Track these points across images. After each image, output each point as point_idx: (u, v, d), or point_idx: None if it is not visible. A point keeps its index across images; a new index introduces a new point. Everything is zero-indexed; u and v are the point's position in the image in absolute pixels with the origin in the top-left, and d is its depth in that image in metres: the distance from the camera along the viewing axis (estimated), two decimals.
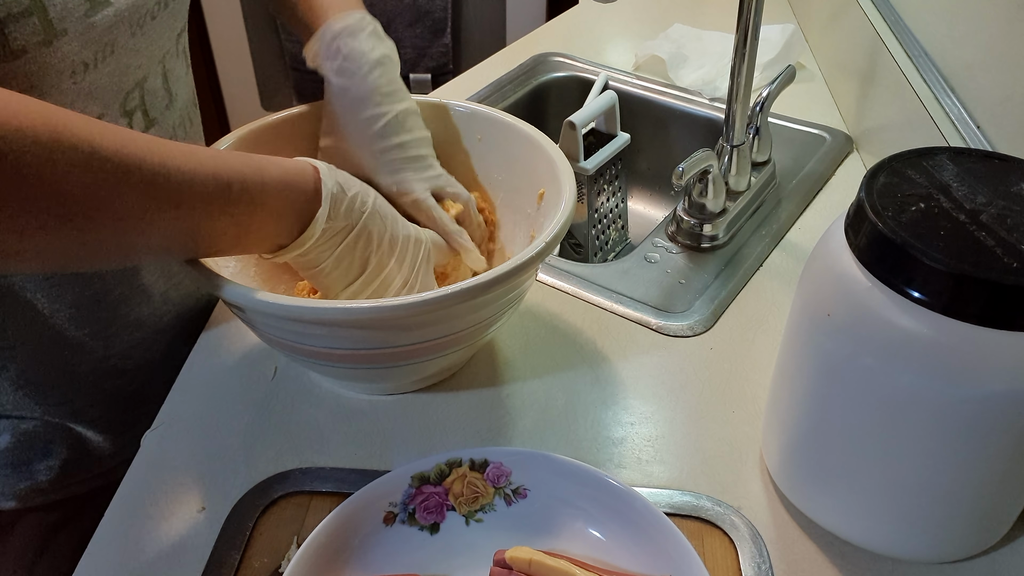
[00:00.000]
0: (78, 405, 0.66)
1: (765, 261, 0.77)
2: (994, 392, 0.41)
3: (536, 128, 0.66)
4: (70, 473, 0.67)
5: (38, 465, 0.66)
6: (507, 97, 1.03)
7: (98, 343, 0.65)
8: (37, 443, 0.66)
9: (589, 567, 0.48)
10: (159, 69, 0.61)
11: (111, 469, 0.69)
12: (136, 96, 0.59)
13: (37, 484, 0.66)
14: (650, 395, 0.64)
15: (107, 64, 0.55)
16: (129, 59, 0.57)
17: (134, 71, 0.58)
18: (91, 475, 0.69)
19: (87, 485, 0.69)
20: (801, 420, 0.51)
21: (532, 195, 0.65)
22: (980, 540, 0.51)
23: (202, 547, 0.53)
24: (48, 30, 0.49)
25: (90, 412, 0.67)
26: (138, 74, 0.58)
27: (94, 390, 0.66)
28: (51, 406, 0.65)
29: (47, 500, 0.67)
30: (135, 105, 0.59)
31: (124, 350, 0.67)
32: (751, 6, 0.73)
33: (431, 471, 0.54)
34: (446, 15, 1.93)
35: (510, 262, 0.53)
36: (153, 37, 0.59)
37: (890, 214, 0.43)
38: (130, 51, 0.56)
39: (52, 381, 0.64)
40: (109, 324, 0.65)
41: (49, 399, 0.65)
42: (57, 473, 0.66)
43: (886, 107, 0.86)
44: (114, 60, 0.55)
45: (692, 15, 1.22)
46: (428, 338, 0.55)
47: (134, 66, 0.57)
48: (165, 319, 0.69)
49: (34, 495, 0.67)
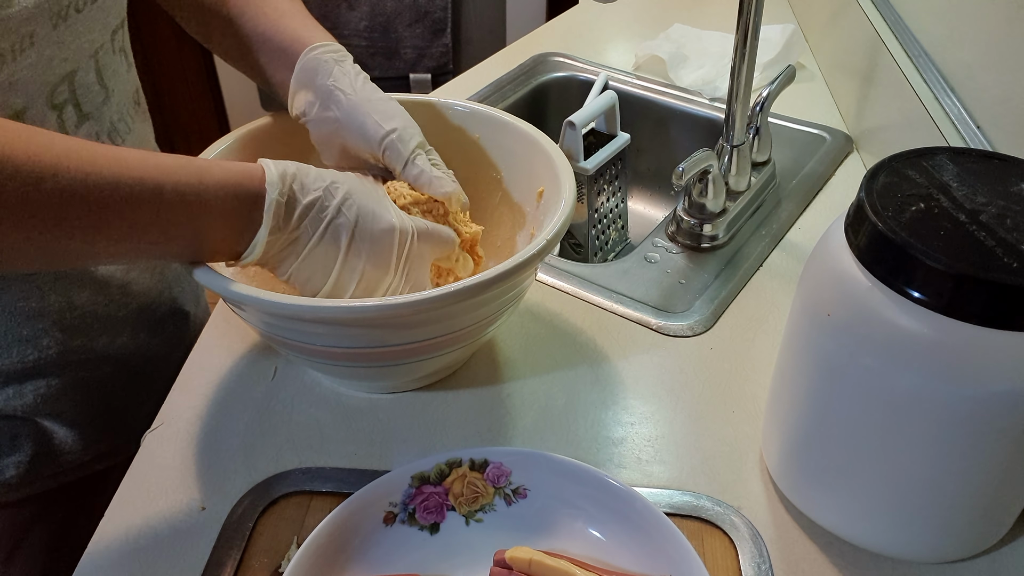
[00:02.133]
0: (42, 398, 0.65)
1: (765, 261, 0.77)
2: (994, 392, 0.41)
3: (535, 127, 0.66)
4: (39, 468, 0.67)
5: (5, 461, 0.65)
6: (507, 97, 1.03)
7: (56, 335, 0.64)
8: (3, 439, 0.65)
9: (589, 567, 0.48)
10: (91, 64, 0.60)
11: (82, 464, 0.68)
12: (65, 90, 0.58)
13: (5, 480, 0.66)
14: (650, 395, 0.64)
15: (26, 56, 0.53)
16: (52, 51, 0.55)
17: (59, 64, 0.57)
18: (61, 470, 0.68)
19: (57, 480, 0.68)
20: (801, 420, 0.51)
21: (531, 194, 0.65)
22: (980, 540, 0.51)
23: (202, 547, 0.53)
24: None
25: (55, 405, 0.66)
26: (65, 67, 0.57)
27: (57, 383, 0.66)
28: (14, 399, 0.64)
29: (17, 496, 0.67)
30: (64, 99, 0.58)
31: (84, 342, 0.66)
32: (751, 6, 0.73)
33: (431, 471, 0.54)
34: (446, 15, 1.93)
35: (510, 260, 0.53)
36: (80, 30, 0.58)
37: (890, 214, 0.43)
38: (53, 43, 0.55)
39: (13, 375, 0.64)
40: (65, 314, 0.64)
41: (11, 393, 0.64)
42: (25, 468, 0.66)
43: (886, 107, 0.86)
44: (34, 52, 0.54)
45: (692, 15, 1.22)
46: (428, 336, 0.55)
47: (59, 59, 0.56)
48: (125, 311, 0.69)
49: (3, 491, 0.66)
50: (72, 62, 0.58)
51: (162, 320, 0.73)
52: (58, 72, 0.57)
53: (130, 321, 0.70)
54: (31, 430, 0.66)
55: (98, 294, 0.66)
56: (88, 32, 0.59)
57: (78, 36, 0.58)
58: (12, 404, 0.65)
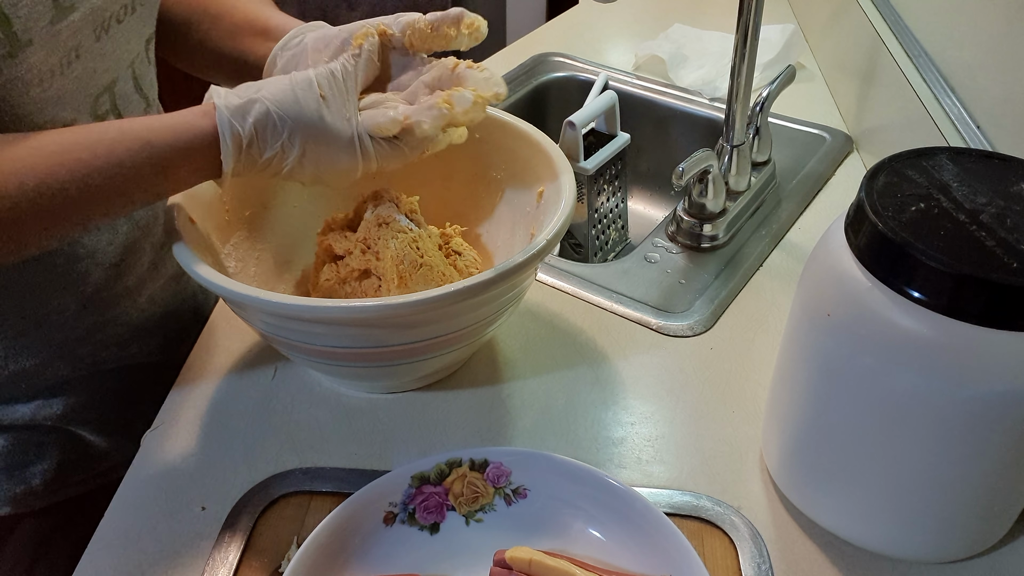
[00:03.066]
0: (71, 407, 0.66)
1: (765, 261, 0.77)
2: (994, 392, 0.41)
3: (536, 128, 0.66)
4: (65, 475, 0.67)
5: (32, 469, 0.66)
6: (507, 97, 1.03)
7: (87, 347, 0.65)
8: (31, 446, 0.65)
9: (589, 567, 0.48)
10: (129, 73, 0.61)
11: (107, 470, 0.69)
12: (107, 100, 0.59)
13: (31, 488, 0.66)
14: (650, 395, 0.64)
15: (73, 69, 0.54)
16: (95, 63, 0.56)
17: (101, 75, 0.57)
18: (86, 477, 0.68)
19: (82, 487, 0.68)
20: (801, 420, 0.51)
21: (532, 194, 0.65)
22: (980, 540, 0.51)
23: (202, 547, 0.53)
24: (13, 42, 0.49)
25: (84, 414, 0.67)
26: (106, 78, 0.58)
27: (86, 392, 0.66)
28: (44, 409, 0.65)
29: (42, 504, 0.67)
30: (106, 109, 0.59)
31: (114, 351, 0.67)
32: (751, 6, 0.73)
33: (431, 471, 0.54)
34: None
35: (510, 260, 0.53)
36: (120, 41, 0.59)
37: (890, 214, 0.43)
38: (96, 55, 0.56)
39: (44, 384, 0.64)
40: (98, 327, 0.65)
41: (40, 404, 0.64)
42: (52, 476, 0.66)
43: (886, 107, 0.86)
44: (80, 65, 0.55)
45: (692, 15, 1.22)
46: (428, 336, 0.55)
47: (101, 70, 0.57)
48: (153, 319, 0.69)
49: (29, 499, 0.66)
50: (112, 71, 0.59)
51: (187, 327, 0.73)
52: (100, 83, 0.58)
53: (158, 330, 0.70)
54: (58, 437, 0.66)
55: (129, 306, 0.67)
56: (127, 42, 0.60)
57: (118, 47, 0.59)
58: (41, 414, 0.65)
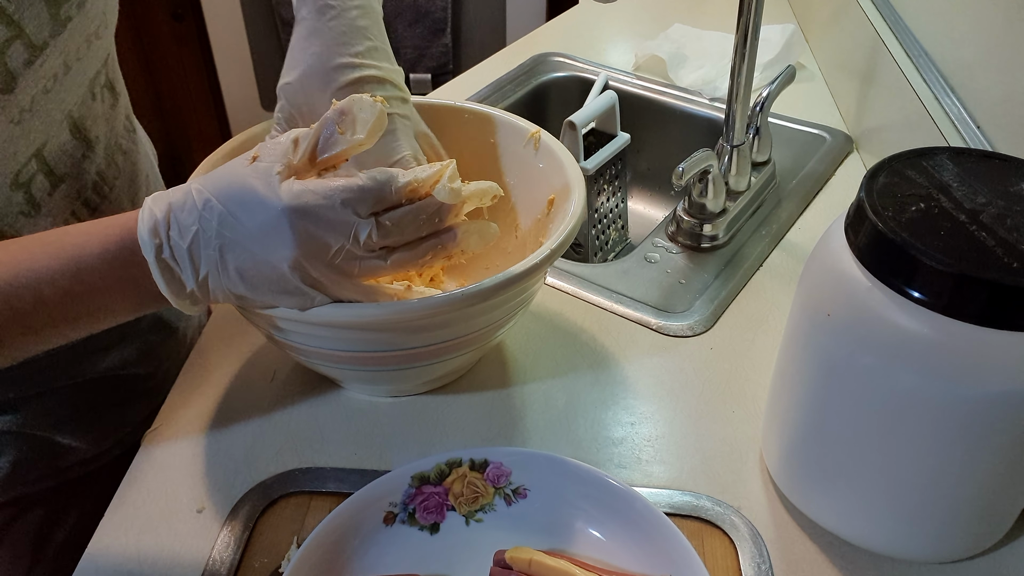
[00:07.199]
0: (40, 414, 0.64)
1: (765, 261, 0.77)
2: (994, 392, 0.41)
3: (550, 134, 0.66)
4: (20, 472, 0.64)
5: None
6: (507, 97, 1.03)
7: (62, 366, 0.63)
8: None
9: (589, 567, 0.48)
10: (64, 126, 0.56)
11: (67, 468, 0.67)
12: (32, 166, 0.54)
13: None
14: (650, 395, 0.64)
15: None
16: (14, 145, 0.52)
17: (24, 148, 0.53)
18: (41, 475, 0.66)
19: (38, 485, 0.66)
20: (801, 420, 0.51)
21: (542, 200, 0.65)
22: (980, 540, 0.51)
23: (202, 547, 0.53)
24: None
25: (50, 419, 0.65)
26: (30, 149, 0.53)
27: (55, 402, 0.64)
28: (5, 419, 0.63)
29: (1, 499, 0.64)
30: (31, 175, 0.54)
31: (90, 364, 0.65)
32: (751, 6, 0.73)
33: (431, 471, 0.54)
34: (446, 15, 1.93)
35: (520, 265, 0.53)
36: (49, 108, 0.53)
37: (890, 214, 0.43)
38: (13, 138, 0.51)
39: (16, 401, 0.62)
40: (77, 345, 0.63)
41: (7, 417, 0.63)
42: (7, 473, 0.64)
43: (886, 107, 0.86)
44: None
45: (692, 15, 1.22)
46: (436, 341, 0.55)
47: (24, 143, 0.53)
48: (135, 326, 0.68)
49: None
50: (40, 139, 0.54)
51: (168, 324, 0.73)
52: (21, 158, 0.53)
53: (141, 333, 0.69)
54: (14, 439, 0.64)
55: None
56: (60, 103, 0.54)
57: (47, 115, 0.54)
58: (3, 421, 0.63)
